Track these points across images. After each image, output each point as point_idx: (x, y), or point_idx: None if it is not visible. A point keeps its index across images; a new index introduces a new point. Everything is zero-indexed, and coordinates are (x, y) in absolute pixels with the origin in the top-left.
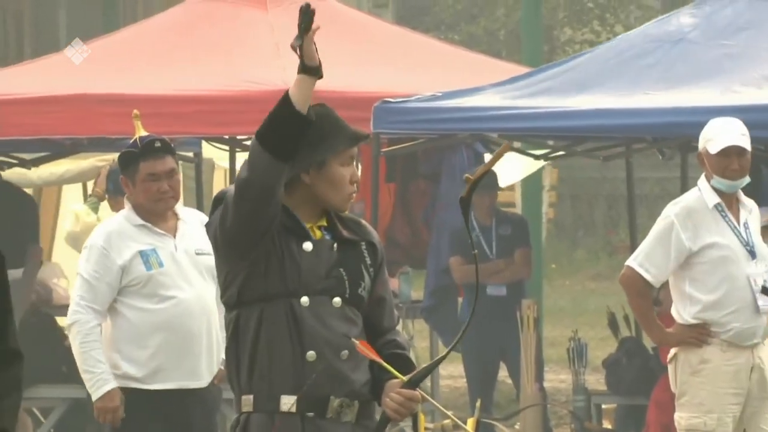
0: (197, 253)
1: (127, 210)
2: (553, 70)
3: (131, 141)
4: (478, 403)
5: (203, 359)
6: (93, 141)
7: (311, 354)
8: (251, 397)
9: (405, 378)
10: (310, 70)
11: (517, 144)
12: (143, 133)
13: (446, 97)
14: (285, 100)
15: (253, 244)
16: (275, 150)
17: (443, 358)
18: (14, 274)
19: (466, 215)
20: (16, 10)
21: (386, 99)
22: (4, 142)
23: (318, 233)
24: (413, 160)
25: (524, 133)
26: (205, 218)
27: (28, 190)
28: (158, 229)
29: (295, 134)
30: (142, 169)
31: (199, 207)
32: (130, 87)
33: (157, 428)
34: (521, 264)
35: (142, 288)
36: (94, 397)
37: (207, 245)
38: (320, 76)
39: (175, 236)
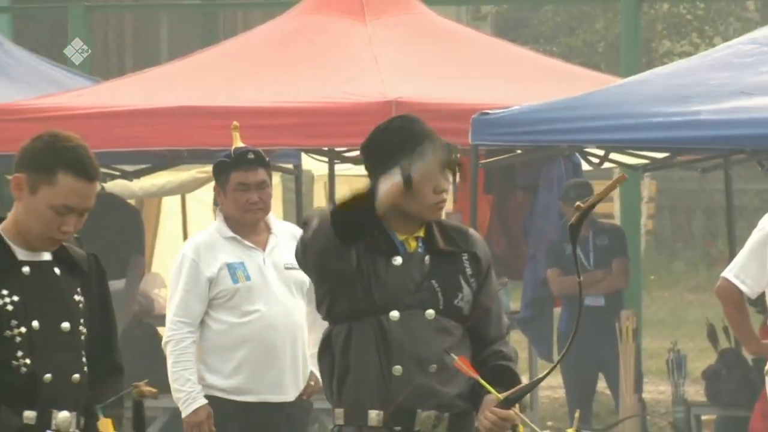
0: (286, 268)
1: (218, 221)
2: (653, 81)
3: (227, 152)
4: (577, 414)
5: (287, 373)
6: (193, 153)
7: (397, 369)
8: (342, 410)
9: (501, 396)
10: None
11: (615, 156)
12: (240, 144)
13: (544, 108)
14: (371, 204)
15: (327, 278)
16: (339, 231)
17: (542, 378)
18: (116, 285)
19: (575, 242)
20: (117, 25)
21: (485, 111)
22: (106, 154)
23: (413, 244)
24: (511, 172)
25: (622, 144)
26: (298, 231)
27: (130, 202)
28: (248, 242)
29: (360, 228)
30: (233, 178)
31: (299, 218)
32: (230, 99)
33: None
34: (619, 274)
35: (228, 301)
36: (183, 414)
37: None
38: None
39: (264, 249)
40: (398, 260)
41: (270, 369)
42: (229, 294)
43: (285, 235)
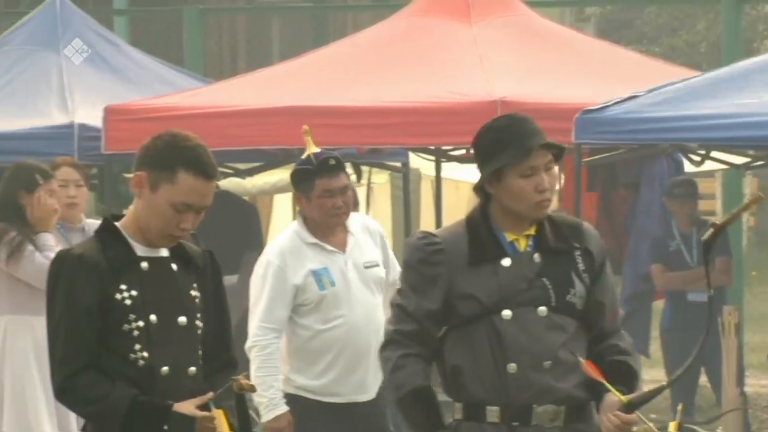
0: (366, 266)
1: (298, 226)
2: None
3: (303, 157)
4: (680, 408)
5: (370, 373)
6: (304, 151)
7: (512, 366)
8: (461, 405)
9: (625, 400)
10: None
11: (717, 153)
12: (315, 149)
13: (647, 107)
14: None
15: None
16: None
17: (668, 386)
18: (230, 280)
19: (707, 259)
20: (230, 27)
21: (588, 109)
22: (220, 152)
23: (523, 243)
24: (613, 170)
25: (725, 143)
26: (370, 222)
27: (245, 199)
28: (330, 247)
29: None
30: (318, 186)
31: (407, 216)
32: (339, 99)
33: None
34: (722, 271)
35: (314, 308)
36: (264, 419)
37: (375, 255)
38: None
39: (344, 251)
40: (507, 261)
41: (355, 371)
42: (316, 301)
43: (360, 231)
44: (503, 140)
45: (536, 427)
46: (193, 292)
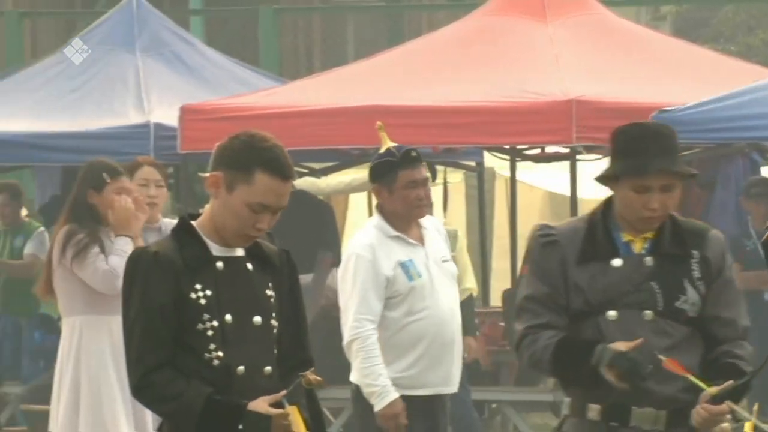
0: (443, 261)
1: (379, 220)
2: None
3: (382, 151)
4: (756, 407)
5: (455, 365)
6: (378, 150)
7: None
8: (569, 401)
9: (712, 392)
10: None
11: None
12: (390, 143)
13: (723, 106)
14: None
15: None
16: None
17: (751, 377)
18: (305, 279)
19: None
20: (306, 26)
21: (664, 108)
22: (295, 152)
23: (639, 245)
24: None
25: None
26: (439, 224)
27: (320, 198)
28: (411, 240)
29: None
30: (401, 177)
31: (481, 215)
32: (414, 98)
33: (421, 429)
34: None
35: (402, 300)
36: (377, 407)
37: (447, 252)
38: None
39: (423, 245)
40: (617, 262)
41: (441, 362)
42: (405, 292)
43: (432, 229)
44: (629, 149)
45: (634, 428)
46: (269, 292)
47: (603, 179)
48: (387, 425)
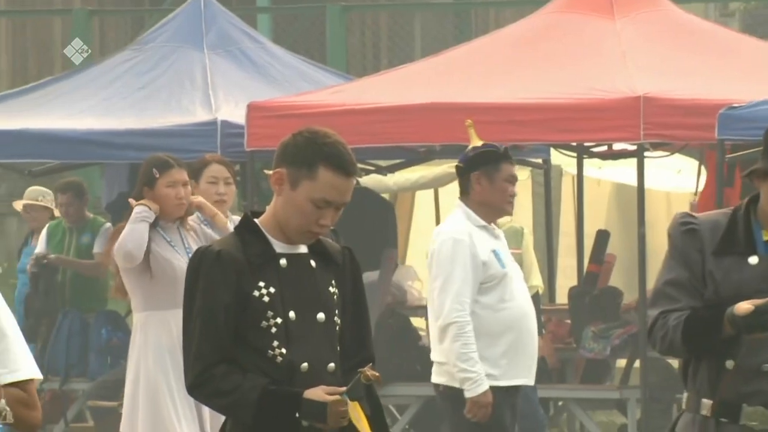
0: (512, 254)
1: (467, 210)
2: None
3: (471, 147)
4: None
5: (535, 358)
6: (445, 148)
7: (730, 363)
8: (687, 396)
9: None
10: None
11: None
12: (478, 141)
13: None
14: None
15: None
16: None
17: None
18: (370, 276)
19: None
20: (373, 23)
21: (732, 105)
22: (361, 149)
23: None
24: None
25: None
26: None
27: (385, 196)
28: (496, 231)
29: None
30: (504, 169)
31: (548, 212)
32: (481, 95)
33: (507, 420)
34: None
35: (496, 285)
36: (470, 394)
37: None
38: None
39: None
40: (754, 260)
41: (526, 354)
42: (499, 277)
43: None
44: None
45: (743, 427)
46: (332, 289)
47: (752, 175)
48: (476, 413)
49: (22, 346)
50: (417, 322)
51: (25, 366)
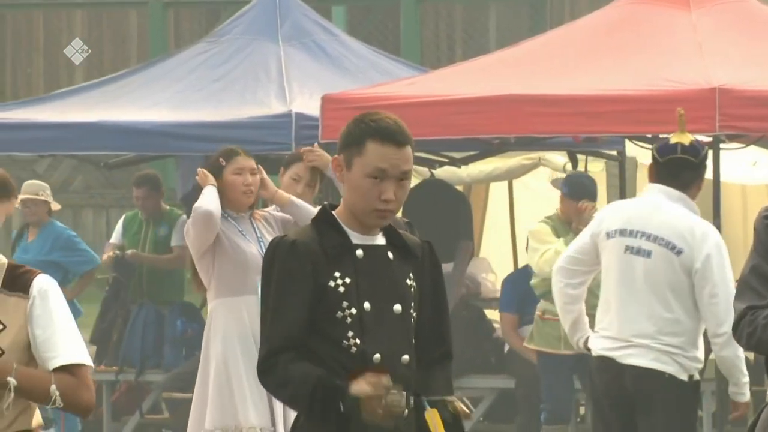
0: None
1: (689, 204)
2: None
3: (682, 142)
4: None
5: None
6: (520, 140)
7: None
8: None
9: None
10: None
11: None
12: (686, 136)
13: None
14: None
15: None
16: None
17: None
18: (445, 268)
19: None
20: (448, 15)
21: None
22: (436, 141)
23: None
24: None
25: None
26: None
27: (459, 188)
28: None
29: None
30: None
31: None
32: (556, 87)
33: None
34: None
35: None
36: (742, 399)
37: None
38: None
39: None
40: None
41: None
42: None
43: None
44: None
45: None
46: (409, 282)
47: None
48: (740, 415)
49: (69, 333)
50: (491, 314)
51: (70, 351)
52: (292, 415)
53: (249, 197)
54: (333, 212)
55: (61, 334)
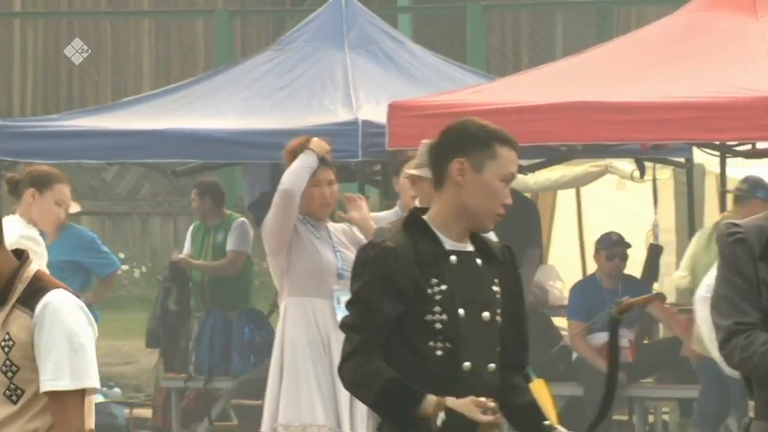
0: None
1: None
2: None
3: None
4: None
5: None
6: (587, 147)
7: None
8: (753, 404)
9: None
10: None
11: None
12: None
13: None
14: None
15: None
16: None
17: None
18: None
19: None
20: (514, 23)
21: None
22: None
23: None
24: None
25: None
26: None
27: (526, 195)
28: None
29: None
30: None
31: (690, 212)
32: (624, 94)
33: None
34: None
35: None
36: None
37: None
38: None
39: None
40: None
41: None
42: None
43: None
44: None
45: None
46: (494, 288)
47: None
48: None
49: (57, 356)
50: (558, 321)
51: (48, 377)
52: (359, 415)
53: (326, 209)
54: (424, 217)
55: (49, 357)
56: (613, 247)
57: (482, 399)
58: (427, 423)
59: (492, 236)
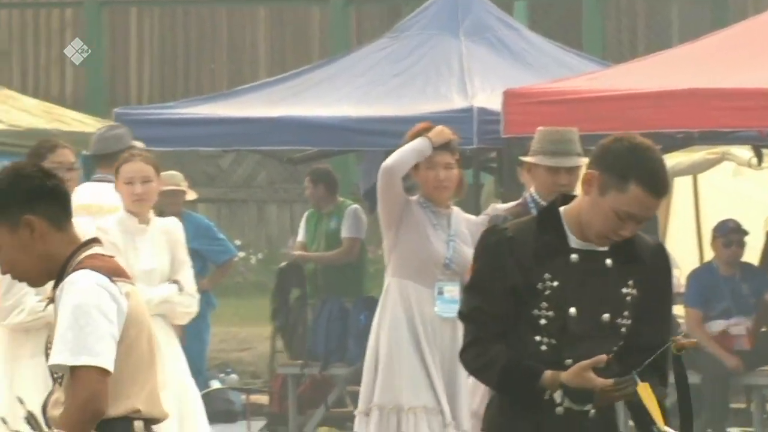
0: None
1: None
2: None
3: None
4: None
5: None
6: (704, 134)
7: None
8: None
9: None
10: None
11: None
12: None
13: None
14: None
15: None
16: None
17: None
18: None
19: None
20: (630, 9)
21: None
22: None
23: None
24: None
25: None
26: None
27: None
28: None
29: None
30: None
31: None
32: (741, 81)
33: None
34: None
35: None
36: None
37: None
38: None
39: None
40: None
41: None
42: None
43: None
44: None
45: None
46: (626, 290)
47: None
48: None
49: (65, 331)
50: (676, 309)
51: (56, 351)
52: (460, 395)
53: (441, 192)
54: (562, 209)
55: (58, 331)
56: (730, 234)
57: (587, 362)
58: (552, 399)
59: None
